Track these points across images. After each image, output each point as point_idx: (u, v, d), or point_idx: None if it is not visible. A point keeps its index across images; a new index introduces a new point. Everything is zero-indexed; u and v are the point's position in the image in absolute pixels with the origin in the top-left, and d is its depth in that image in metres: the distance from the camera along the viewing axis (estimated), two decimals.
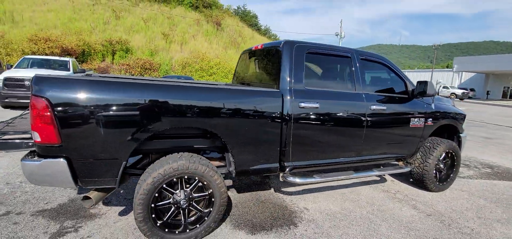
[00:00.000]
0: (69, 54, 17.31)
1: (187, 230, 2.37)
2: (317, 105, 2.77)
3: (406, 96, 3.44)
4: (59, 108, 1.92)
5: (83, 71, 9.94)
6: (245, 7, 48.17)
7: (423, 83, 3.21)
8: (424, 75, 46.35)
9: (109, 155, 2.10)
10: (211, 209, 2.43)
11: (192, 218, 2.45)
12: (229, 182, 3.83)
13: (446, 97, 7.97)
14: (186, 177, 2.30)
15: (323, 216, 3.01)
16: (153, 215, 2.24)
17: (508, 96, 41.15)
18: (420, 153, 3.74)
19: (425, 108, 3.56)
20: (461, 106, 19.56)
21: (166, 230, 2.29)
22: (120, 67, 19.26)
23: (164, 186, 2.25)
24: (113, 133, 2.06)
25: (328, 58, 3.07)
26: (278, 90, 2.69)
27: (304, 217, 2.95)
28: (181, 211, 2.38)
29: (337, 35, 32.10)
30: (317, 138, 2.85)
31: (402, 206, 3.36)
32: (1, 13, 20.82)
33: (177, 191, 2.34)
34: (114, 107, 2.04)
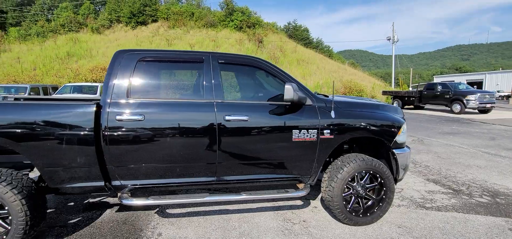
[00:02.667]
0: None
1: None
2: (140, 117, 2.49)
3: (288, 104, 2.79)
4: None
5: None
6: (296, 22, 48.25)
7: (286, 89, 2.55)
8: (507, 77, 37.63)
9: None
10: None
11: None
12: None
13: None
14: None
15: None
16: None
17: None
18: (328, 173, 2.96)
19: (320, 119, 2.81)
20: None
21: None
22: None
23: None
24: None
25: (170, 64, 2.75)
26: (95, 102, 2.51)
27: None
28: None
29: (389, 39, 28.91)
30: (143, 155, 2.54)
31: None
32: (83, 51, 25.86)
33: None
34: None
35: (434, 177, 4.64)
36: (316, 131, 2.79)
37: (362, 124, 2.91)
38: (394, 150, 3.05)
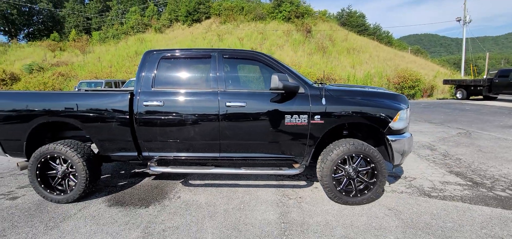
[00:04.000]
0: None
1: None
2: (161, 103, 3.19)
3: (282, 92, 3.16)
4: None
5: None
6: (350, 9, 45.70)
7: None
8: None
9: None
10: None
11: None
12: None
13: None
14: None
15: (185, 204, 3.31)
16: None
17: None
18: (322, 156, 3.26)
19: (312, 105, 3.12)
20: None
21: None
22: None
23: None
24: None
25: (185, 61, 3.37)
26: (129, 92, 3.29)
27: (168, 203, 3.36)
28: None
29: (458, 20, 25.33)
30: (163, 133, 3.24)
31: (272, 210, 3.11)
32: (147, 49, 29.28)
33: None
34: None
35: (459, 169, 4.41)
36: (307, 116, 3.12)
37: (352, 110, 3.12)
38: (388, 136, 3.17)
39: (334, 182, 3.16)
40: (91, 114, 3.28)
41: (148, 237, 2.64)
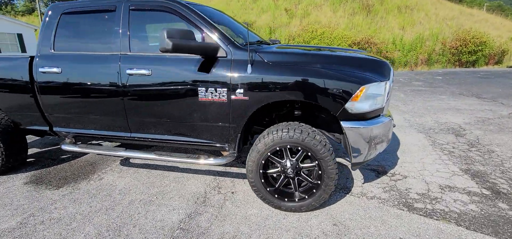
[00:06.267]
0: None
1: None
2: (58, 70, 2.64)
3: (199, 57, 2.33)
4: None
5: None
6: None
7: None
8: None
9: None
10: None
11: None
12: None
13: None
14: None
15: (97, 189, 2.86)
16: None
17: None
18: (253, 145, 2.44)
19: (232, 74, 2.25)
20: None
21: None
22: None
23: None
24: None
25: (89, 16, 2.69)
26: (30, 56, 2.79)
27: (84, 185, 2.95)
28: None
29: None
30: (67, 105, 2.72)
31: (182, 208, 2.47)
32: None
33: None
34: None
35: (482, 167, 3.14)
36: (226, 90, 2.27)
37: (285, 82, 2.16)
38: (343, 122, 2.17)
39: (262, 180, 2.34)
40: None
41: (22, 228, 2.25)
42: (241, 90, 2.24)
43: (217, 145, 2.56)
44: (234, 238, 2.09)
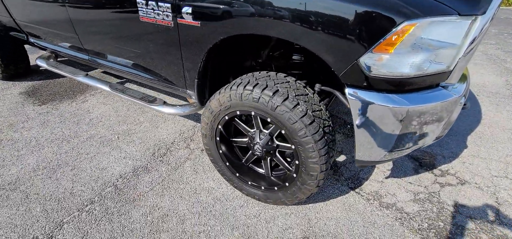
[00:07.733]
0: None
1: None
2: None
3: None
4: None
5: None
6: None
7: None
8: None
9: None
10: None
11: None
12: None
13: None
14: None
15: (72, 113, 2.63)
16: None
17: None
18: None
19: None
20: None
21: None
22: None
23: None
24: None
25: None
26: None
27: (65, 106, 2.76)
28: None
29: None
30: (27, 14, 2.34)
31: (126, 163, 2.02)
32: None
33: None
34: None
35: None
36: (169, 6, 1.46)
37: (260, 3, 1.22)
38: (348, 89, 1.20)
39: (220, 151, 1.65)
40: None
41: None
42: (189, 10, 1.40)
43: (180, 89, 1.89)
44: (163, 217, 1.57)
